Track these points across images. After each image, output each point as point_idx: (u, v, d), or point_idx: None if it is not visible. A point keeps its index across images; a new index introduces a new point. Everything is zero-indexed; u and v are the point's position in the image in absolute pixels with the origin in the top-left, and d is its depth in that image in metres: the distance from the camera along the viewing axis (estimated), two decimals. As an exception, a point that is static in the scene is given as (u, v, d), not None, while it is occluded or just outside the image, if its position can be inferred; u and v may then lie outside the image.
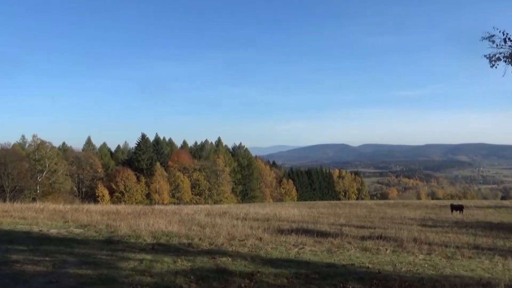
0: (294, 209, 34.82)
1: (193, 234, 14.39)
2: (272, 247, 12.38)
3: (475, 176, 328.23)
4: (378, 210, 37.34)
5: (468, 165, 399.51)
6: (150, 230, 14.88)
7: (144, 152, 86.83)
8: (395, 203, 57.23)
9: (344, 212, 34.06)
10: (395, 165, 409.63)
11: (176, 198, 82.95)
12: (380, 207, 45.41)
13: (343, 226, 20.37)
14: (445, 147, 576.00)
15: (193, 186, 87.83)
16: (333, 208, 42.53)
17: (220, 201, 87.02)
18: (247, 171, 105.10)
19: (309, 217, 26.14)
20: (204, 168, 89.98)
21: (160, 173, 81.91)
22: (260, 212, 28.82)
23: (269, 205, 54.33)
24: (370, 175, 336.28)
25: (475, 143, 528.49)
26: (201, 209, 31.47)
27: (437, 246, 13.84)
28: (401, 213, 33.45)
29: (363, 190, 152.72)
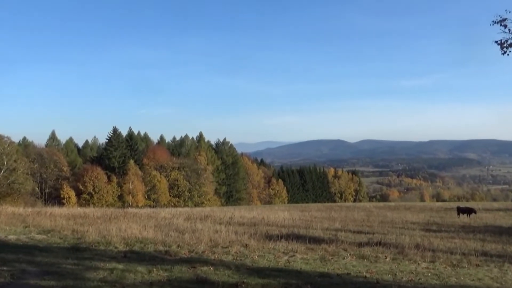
0: (284, 212, 34.89)
1: (170, 240, 14.34)
2: (259, 255, 12.40)
3: (484, 176, 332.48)
4: (377, 214, 37.62)
5: (476, 164, 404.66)
6: (122, 236, 14.79)
7: (116, 148, 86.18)
8: (396, 205, 57.74)
9: (339, 215, 34.23)
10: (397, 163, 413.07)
11: (152, 200, 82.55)
12: (379, 210, 45.74)
13: (338, 231, 20.48)
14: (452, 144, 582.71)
15: (171, 187, 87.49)
16: (327, 211, 42.71)
17: (201, 204, 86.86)
18: (232, 170, 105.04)
19: (301, 222, 26.21)
20: (183, 166, 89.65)
21: (134, 172, 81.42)
22: (246, 216, 28.82)
23: (256, 208, 54.39)
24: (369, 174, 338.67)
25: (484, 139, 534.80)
26: (180, 212, 31.35)
27: (441, 253, 13.99)
28: (402, 216, 33.75)
29: (361, 191, 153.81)
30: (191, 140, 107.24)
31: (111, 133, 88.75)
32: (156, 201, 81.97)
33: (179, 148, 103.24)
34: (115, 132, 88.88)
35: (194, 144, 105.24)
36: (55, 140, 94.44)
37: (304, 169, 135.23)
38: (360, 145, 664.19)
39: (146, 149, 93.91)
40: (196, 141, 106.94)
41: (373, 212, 41.22)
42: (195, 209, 43.28)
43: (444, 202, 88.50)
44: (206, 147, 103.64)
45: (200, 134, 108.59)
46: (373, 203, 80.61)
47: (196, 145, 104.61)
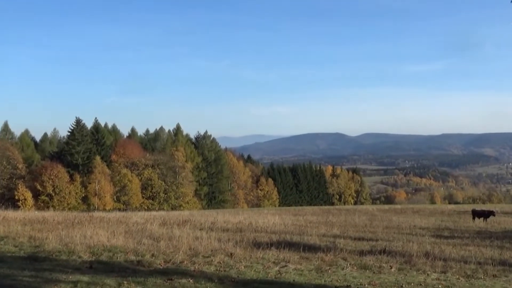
0: (274, 216, 34.98)
1: (143, 249, 14.32)
2: (246, 265, 12.44)
3: (503, 174, 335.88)
4: (381, 218, 37.86)
5: (494, 160, 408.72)
6: (88, 244, 14.73)
7: (80, 142, 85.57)
8: (403, 208, 58.15)
9: (338, 220, 34.41)
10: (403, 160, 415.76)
11: (122, 202, 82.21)
12: (384, 213, 46.04)
13: (337, 238, 20.59)
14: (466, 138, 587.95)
15: (144, 187, 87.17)
16: (324, 215, 42.89)
17: (179, 207, 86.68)
18: (214, 168, 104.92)
19: (294, 227, 26.31)
20: (158, 163, 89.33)
21: (100, 171, 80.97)
22: (231, 221, 28.85)
23: (242, 211, 54.44)
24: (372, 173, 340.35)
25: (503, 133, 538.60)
26: (154, 216, 31.28)
27: (454, 262, 14.14)
28: (410, 221, 34.01)
29: (363, 192, 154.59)
30: (167, 133, 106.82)
31: (74, 125, 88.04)
32: (126, 204, 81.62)
33: (153, 142, 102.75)
34: (78, 124, 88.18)
35: (170, 137, 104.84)
36: (8, 132, 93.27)
37: (298, 166, 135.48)
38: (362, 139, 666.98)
39: (115, 144, 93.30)
40: (173, 135, 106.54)
41: (376, 216, 41.46)
42: (172, 213, 43.19)
43: (458, 205, 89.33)
44: (185, 142, 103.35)
45: (177, 126, 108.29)
46: (376, 206, 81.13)
47: (173, 139, 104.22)
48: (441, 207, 64.39)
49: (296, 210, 58.64)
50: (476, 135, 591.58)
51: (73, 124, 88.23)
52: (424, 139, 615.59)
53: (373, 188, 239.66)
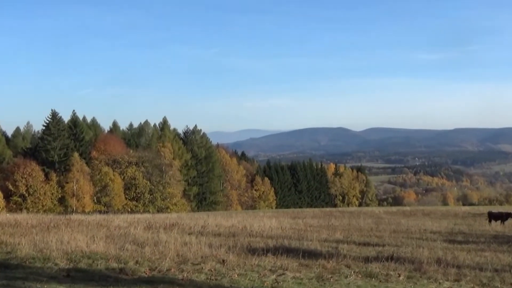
0: (271, 219, 34.98)
1: (127, 255, 14.30)
2: (240, 274, 12.44)
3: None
4: (389, 221, 37.95)
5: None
6: (65, 250, 14.69)
7: (56, 137, 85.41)
8: (412, 210, 58.31)
9: (341, 223, 34.47)
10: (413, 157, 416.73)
11: (103, 204, 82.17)
12: (392, 216, 46.15)
13: (339, 243, 20.62)
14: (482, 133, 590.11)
15: (127, 188, 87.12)
16: (326, 218, 42.95)
17: (166, 209, 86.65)
18: (205, 166, 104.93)
19: (293, 231, 26.34)
20: (143, 161, 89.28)
21: (79, 169, 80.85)
22: (223, 224, 28.85)
23: (236, 214, 54.44)
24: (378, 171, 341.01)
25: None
26: (138, 219, 31.24)
27: (468, 269, 14.18)
28: (420, 224, 34.09)
29: (369, 192, 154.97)
30: (152, 128, 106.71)
31: (49, 118, 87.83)
32: (108, 206, 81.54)
33: (137, 137, 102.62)
34: (54, 117, 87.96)
35: (156, 132, 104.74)
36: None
37: (297, 164, 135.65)
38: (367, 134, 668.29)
39: (95, 139, 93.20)
40: (159, 129, 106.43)
41: (383, 219, 41.56)
42: (158, 216, 43.16)
43: (472, 206, 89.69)
44: (172, 137, 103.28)
45: (163, 120, 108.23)
46: (383, 208, 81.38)
47: (159, 134, 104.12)
48: (455, 209, 64.59)
49: (295, 212, 58.68)
50: (493, 130, 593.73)
51: (49, 118, 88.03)
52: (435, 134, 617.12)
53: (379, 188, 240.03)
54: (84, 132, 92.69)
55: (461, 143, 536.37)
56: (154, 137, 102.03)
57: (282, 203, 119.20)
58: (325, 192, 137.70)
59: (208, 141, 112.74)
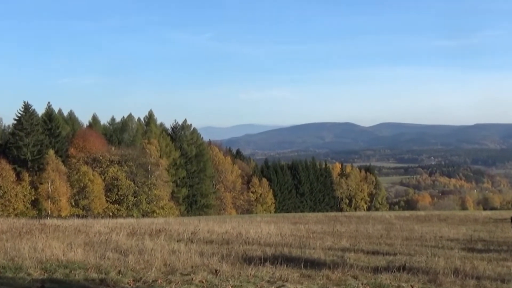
0: (269, 225, 35.01)
1: (108, 264, 14.31)
2: (234, 285, 12.46)
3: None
4: (401, 227, 38.01)
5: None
6: (39, 258, 14.69)
7: (29, 133, 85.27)
8: (427, 215, 58.36)
9: (348, 229, 34.53)
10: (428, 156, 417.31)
11: (82, 207, 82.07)
12: (404, 221, 46.21)
13: (346, 251, 20.66)
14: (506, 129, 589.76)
15: (108, 189, 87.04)
16: (331, 223, 43.01)
17: (152, 213, 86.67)
18: (195, 166, 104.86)
19: (294, 238, 26.36)
20: (126, 160, 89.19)
21: (54, 168, 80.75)
22: (216, 230, 28.87)
23: (230, 219, 54.45)
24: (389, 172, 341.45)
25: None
26: (121, 225, 31.24)
27: (489, 281, 14.22)
28: (436, 231, 34.16)
29: (379, 195, 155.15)
30: (136, 122, 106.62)
31: (21, 112, 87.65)
32: (87, 209, 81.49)
33: (120, 133, 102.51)
34: (26, 110, 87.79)
35: (141, 127, 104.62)
36: None
37: (298, 164, 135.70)
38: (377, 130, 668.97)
39: (73, 135, 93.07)
40: (144, 124, 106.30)
41: (395, 224, 41.63)
42: (143, 221, 43.15)
43: (494, 211, 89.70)
44: (159, 133, 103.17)
45: (149, 113, 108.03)
46: (395, 212, 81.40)
47: (144, 129, 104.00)
48: (474, 214, 64.66)
49: (296, 217, 58.71)
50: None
51: (20, 111, 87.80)
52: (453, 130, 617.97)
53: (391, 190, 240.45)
54: (60, 127, 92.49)
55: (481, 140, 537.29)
56: (139, 133, 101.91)
57: (282, 207, 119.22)
58: (329, 195, 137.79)
59: (199, 137, 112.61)
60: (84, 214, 74.89)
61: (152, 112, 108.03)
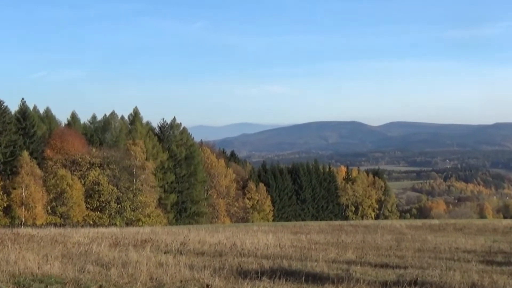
0: (267, 235, 35.04)
1: (88, 278, 14.30)
2: (228, 301, 12.46)
3: None
4: (412, 237, 38.05)
5: None
6: (11, 271, 14.67)
7: (0, 132, 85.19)
8: (441, 224, 58.44)
9: (354, 240, 34.55)
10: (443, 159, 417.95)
11: (59, 215, 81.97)
12: (416, 231, 46.27)
13: (351, 264, 20.69)
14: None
15: (89, 195, 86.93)
16: (335, 233, 43.04)
17: (137, 222, 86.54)
18: (185, 169, 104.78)
19: (294, 249, 26.39)
20: (109, 162, 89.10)
21: (29, 171, 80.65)
22: (208, 241, 28.87)
23: (224, 228, 54.48)
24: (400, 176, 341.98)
25: None
26: (103, 234, 31.23)
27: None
28: (451, 241, 34.20)
29: (388, 202, 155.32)
30: (120, 121, 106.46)
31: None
32: (65, 217, 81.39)
33: (102, 133, 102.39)
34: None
35: (125, 126, 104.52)
36: None
37: (300, 167, 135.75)
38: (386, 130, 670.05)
39: (49, 135, 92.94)
40: (129, 123, 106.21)
41: (406, 234, 41.68)
42: (127, 230, 43.14)
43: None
44: (145, 132, 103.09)
45: (134, 111, 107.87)
46: (406, 221, 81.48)
47: (129, 128, 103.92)
48: (494, 223, 64.72)
49: (296, 226, 58.71)
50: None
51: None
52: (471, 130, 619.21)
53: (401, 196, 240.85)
54: (35, 125, 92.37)
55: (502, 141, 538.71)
56: (123, 133, 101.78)
57: (281, 214, 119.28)
58: (334, 202, 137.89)
59: (190, 137, 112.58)
60: (61, 223, 74.82)
61: (138, 109, 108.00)
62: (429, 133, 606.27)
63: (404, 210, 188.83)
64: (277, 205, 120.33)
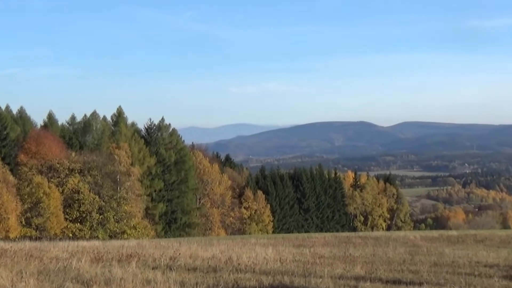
0: (267, 248, 35.06)
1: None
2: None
3: None
4: (428, 250, 38.09)
5: None
6: (-19, 291, 14.67)
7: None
8: (460, 235, 58.47)
9: (363, 253, 34.57)
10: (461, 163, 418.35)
11: (35, 227, 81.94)
12: (432, 243, 46.33)
13: (360, 280, 20.69)
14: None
15: (68, 205, 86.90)
16: (342, 246, 43.08)
17: (121, 234, 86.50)
18: (175, 176, 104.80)
19: (296, 264, 26.40)
20: (90, 168, 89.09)
21: (1, 178, 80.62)
22: (200, 255, 28.88)
23: (218, 240, 54.49)
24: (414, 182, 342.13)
25: None
26: (84, 248, 31.22)
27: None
28: (471, 255, 34.23)
29: (401, 211, 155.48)
30: (102, 122, 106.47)
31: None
32: (41, 229, 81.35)
33: (82, 135, 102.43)
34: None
35: (107, 128, 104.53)
36: None
37: (302, 173, 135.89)
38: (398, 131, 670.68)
39: (24, 138, 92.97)
40: (112, 124, 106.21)
41: (421, 247, 41.73)
42: (110, 243, 43.12)
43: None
44: (130, 135, 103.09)
45: (118, 111, 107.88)
46: (421, 232, 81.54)
47: (112, 130, 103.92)
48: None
49: (299, 238, 58.70)
50: None
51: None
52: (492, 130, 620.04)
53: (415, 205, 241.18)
54: (8, 127, 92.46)
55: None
56: (105, 135, 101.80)
57: (282, 226, 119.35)
58: (340, 211, 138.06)
59: (180, 140, 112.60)
60: (37, 236, 74.68)
61: (122, 109, 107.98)
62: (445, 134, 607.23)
63: (418, 220, 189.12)
64: (278, 215, 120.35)
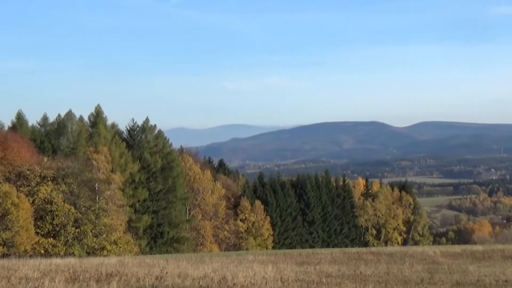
0: (266, 266, 35.16)
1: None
2: None
3: None
4: (450, 268, 38.18)
5: None
6: None
7: None
8: (486, 251, 58.55)
9: (376, 272, 34.66)
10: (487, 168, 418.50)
11: (2, 242, 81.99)
12: (454, 260, 46.41)
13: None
14: None
15: (40, 217, 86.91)
16: (352, 263, 43.19)
17: (101, 250, 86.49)
18: (162, 184, 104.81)
19: (300, 284, 26.50)
20: (64, 175, 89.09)
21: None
22: (191, 274, 28.96)
23: (211, 257, 54.59)
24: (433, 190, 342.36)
25: None
26: (58, 267, 31.28)
27: None
28: (498, 272, 34.31)
29: (419, 223, 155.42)
30: (78, 123, 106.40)
31: None
32: (9, 245, 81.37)
33: (55, 138, 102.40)
34: None
35: (84, 130, 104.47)
36: None
37: (306, 180, 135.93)
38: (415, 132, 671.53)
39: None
40: (89, 125, 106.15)
41: (441, 264, 41.82)
42: (88, 261, 43.22)
43: None
44: (110, 137, 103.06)
45: (96, 110, 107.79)
46: (441, 247, 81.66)
47: (89, 131, 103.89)
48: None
49: (303, 255, 58.84)
50: None
51: None
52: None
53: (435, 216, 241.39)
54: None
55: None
56: (82, 138, 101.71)
57: (283, 240, 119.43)
58: (350, 223, 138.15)
59: (167, 143, 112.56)
60: (5, 252, 74.84)
61: (100, 108, 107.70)
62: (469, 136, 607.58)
63: (438, 233, 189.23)
64: (278, 228, 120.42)
